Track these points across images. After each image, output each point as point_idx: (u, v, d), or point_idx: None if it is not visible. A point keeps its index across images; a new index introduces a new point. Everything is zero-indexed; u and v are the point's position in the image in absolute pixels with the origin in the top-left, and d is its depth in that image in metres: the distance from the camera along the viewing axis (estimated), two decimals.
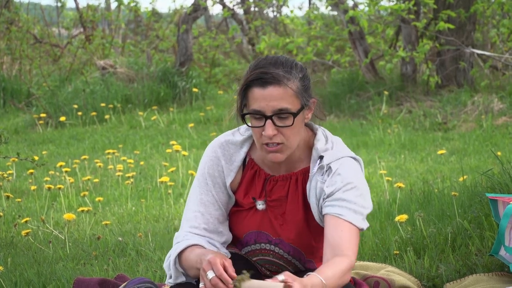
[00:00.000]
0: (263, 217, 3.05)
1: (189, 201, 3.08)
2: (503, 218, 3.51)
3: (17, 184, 7.11)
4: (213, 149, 3.08)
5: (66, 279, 4.08)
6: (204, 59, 15.78)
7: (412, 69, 11.20)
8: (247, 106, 2.89)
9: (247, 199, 3.06)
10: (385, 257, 4.15)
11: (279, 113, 2.83)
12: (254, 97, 2.85)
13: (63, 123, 10.77)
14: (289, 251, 3.07)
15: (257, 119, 2.86)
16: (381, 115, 10.29)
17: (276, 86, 2.83)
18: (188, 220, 3.03)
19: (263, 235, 3.07)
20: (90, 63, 13.95)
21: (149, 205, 6.15)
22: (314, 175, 2.96)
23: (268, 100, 2.83)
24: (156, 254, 4.52)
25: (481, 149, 8.06)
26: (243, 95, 2.89)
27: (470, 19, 10.76)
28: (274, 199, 3.04)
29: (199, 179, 3.08)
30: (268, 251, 3.09)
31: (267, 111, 2.83)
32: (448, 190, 5.20)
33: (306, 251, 3.09)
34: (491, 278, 3.66)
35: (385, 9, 10.52)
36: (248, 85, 2.86)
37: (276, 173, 3.05)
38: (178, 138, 9.58)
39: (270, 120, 2.83)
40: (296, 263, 3.12)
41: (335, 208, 2.87)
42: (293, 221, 3.03)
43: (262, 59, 2.91)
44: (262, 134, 2.86)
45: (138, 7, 15.55)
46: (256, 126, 2.87)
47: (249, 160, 3.07)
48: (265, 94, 2.83)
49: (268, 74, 2.83)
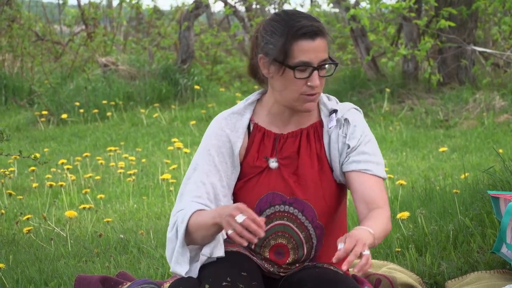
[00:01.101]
0: (276, 176, 3.05)
1: (188, 174, 3.05)
2: (504, 216, 3.51)
3: (19, 182, 7.12)
4: (217, 122, 3.09)
5: (68, 276, 4.09)
6: (205, 57, 15.79)
7: (414, 67, 11.19)
8: (289, 58, 2.90)
9: (259, 160, 3.05)
10: (386, 254, 4.15)
11: (324, 63, 2.92)
12: (301, 49, 2.88)
13: (65, 121, 10.78)
14: (302, 209, 3.05)
15: (301, 71, 2.90)
16: (382, 112, 10.30)
17: (322, 38, 2.91)
18: (190, 191, 3.00)
19: (277, 196, 3.05)
20: (91, 61, 13.95)
21: (151, 202, 6.15)
22: (332, 128, 3.05)
23: (317, 52, 2.89)
24: (158, 252, 4.52)
25: (482, 146, 8.07)
26: (288, 49, 2.90)
27: (471, 17, 10.76)
28: (285, 157, 3.05)
29: (201, 152, 3.06)
30: (283, 212, 3.05)
31: (314, 62, 2.90)
32: (450, 188, 5.19)
33: (318, 211, 3.06)
34: (492, 276, 3.65)
35: (387, 7, 10.51)
36: (294, 37, 2.89)
37: (284, 131, 3.07)
38: (179, 135, 9.59)
39: (316, 71, 2.90)
40: (309, 227, 3.07)
41: (361, 164, 2.99)
42: (306, 175, 3.05)
43: (293, 13, 2.95)
44: (304, 85, 2.91)
45: (140, 5, 15.54)
46: (302, 78, 2.91)
47: (254, 125, 3.08)
48: (314, 45, 2.89)
49: (314, 26, 2.90)
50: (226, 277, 2.79)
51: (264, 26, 2.97)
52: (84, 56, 14.36)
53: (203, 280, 2.82)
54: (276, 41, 2.91)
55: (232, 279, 2.79)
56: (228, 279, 2.78)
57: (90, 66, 13.66)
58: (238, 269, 2.85)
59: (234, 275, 2.81)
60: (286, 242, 3.08)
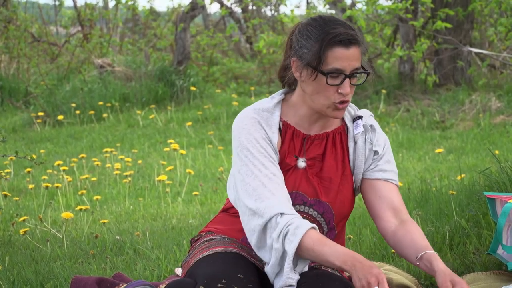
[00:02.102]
0: (302, 176, 3.08)
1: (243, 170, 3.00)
2: (500, 217, 3.51)
3: (15, 183, 7.11)
4: (249, 116, 3.06)
5: (64, 277, 4.08)
6: (202, 58, 15.78)
7: (410, 68, 11.21)
8: (322, 64, 2.92)
9: (289, 158, 3.08)
10: (383, 255, 4.16)
11: (356, 72, 2.95)
12: (335, 56, 2.91)
13: (61, 122, 10.78)
14: (323, 212, 3.08)
15: (333, 78, 2.93)
16: (379, 113, 10.31)
17: (357, 47, 2.94)
18: (266, 185, 2.94)
19: (299, 196, 3.07)
20: (88, 62, 13.95)
21: (147, 203, 6.15)
22: (359, 135, 3.12)
23: (350, 60, 2.92)
24: (154, 253, 4.52)
25: (478, 147, 8.08)
26: (322, 54, 2.92)
27: (467, 18, 10.78)
28: (311, 158, 3.09)
29: (245, 150, 3.01)
30: (302, 213, 3.07)
31: (347, 70, 2.93)
32: (446, 189, 5.21)
33: (336, 214, 3.11)
34: (488, 277, 3.66)
35: (383, 8, 10.52)
36: (330, 44, 2.91)
37: (310, 132, 3.11)
38: (176, 136, 9.59)
39: (348, 79, 2.93)
40: (324, 228, 3.11)
41: (387, 173, 3.13)
42: (329, 178, 3.10)
43: (329, 19, 2.97)
44: (335, 92, 2.95)
45: (136, 6, 15.55)
46: (333, 84, 2.93)
47: (283, 123, 3.10)
48: (348, 54, 2.92)
49: (350, 34, 2.92)
50: (221, 279, 2.79)
51: (300, 30, 3.00)
52: (80, 58, 14.36)
53: (198, 279, 2.81)
54: (311, 46, 2.94)
55: (228, 281, 2.78)
56: (224, 281, 2.78)
57: (86, 68, 13.65)
58: (234, 271, 2.85)
59: (230, 277, 2.80)
60: None
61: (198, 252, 3.08)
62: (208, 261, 2.95)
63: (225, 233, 3.17)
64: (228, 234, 3.17)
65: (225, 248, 3.03)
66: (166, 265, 4.23)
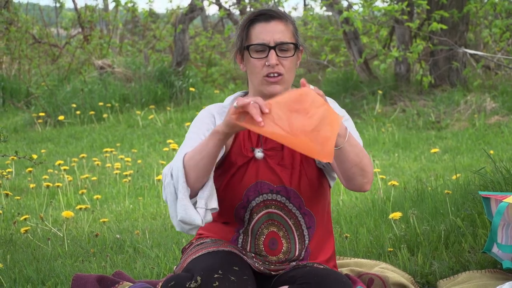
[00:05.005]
0: (263, 166, 3.14)
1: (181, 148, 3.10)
2: (495, 216, 3.53)
3: (16, 182, 7.14)
4: (206, 109, 3.22)
5: (65, 275, 4.11)
6: (200, 59, 15.82)
7: (406, 69, 11.25)
8: (246, 42, 3.05)
9: (246, 150, 3.15)
10: (379, 254, 4.18)
11: (281, 43, 3.03)
12: (257, 32, 3.04)
13: (62, 122, 10.81)
14: (289, 197, 3.13)
15: (259, 52, 3.04)
16: (375, 114, 10.34)
17: (278, 21, 3.05)
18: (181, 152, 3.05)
19: (264, 184, 3.13)
20: (88, 63, 13.98)
21: (147, 203, 6.18)
22: None
23: (272, 33, 3.03)
24: (153, 251, 4.55)
25: (473, 147, 8.11)
26: (245, 34, 3.05)
27: (463, 20, 10.82)
28: (270, 148, 3.15)
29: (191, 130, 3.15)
30: (271, 201, 3.13)
31: (270, 42, 3.02)
32: (442, 188, 5.20)
33: (305, 198, 3.15)
34: (484, 275, 3.69)
35: (379, 10, 10.57)
36: (250, 22, 3.04)
37: None
38: (175, 137, 9.62)
39: (273, 50, 3.02)
40: (296, 213, 3.15)
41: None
42: (291, 165, 3.14)
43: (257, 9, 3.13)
44: (263, 66, 3.03)
45: (135, 8, 15.58)
46: (258, 58, 3.03)
47: None
48: (269, 27, 3.04)
49: (271, 11, 3.06)
50: (218, 270, 2.85)
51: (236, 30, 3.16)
52: (81, 59, 14.39)
53: (195, 272, 2.87)
54: (238, 33, 3.09)
55: (224, 272, 2.85)
56: (220, 272, 2.84)
57: (86, 69, 13.68)
58: (230, 264, 2.91)
59: (225, 269, 2.87)
60: (277, 230, 3.15)
61: (191, 254, 3.14)
62: (203, 258, 3.01)
63: (215, 236, 3.23)
64: (218, 237, 3.23)
65: (217, 248, 3.09)
66: (166, 263, 4.26)
